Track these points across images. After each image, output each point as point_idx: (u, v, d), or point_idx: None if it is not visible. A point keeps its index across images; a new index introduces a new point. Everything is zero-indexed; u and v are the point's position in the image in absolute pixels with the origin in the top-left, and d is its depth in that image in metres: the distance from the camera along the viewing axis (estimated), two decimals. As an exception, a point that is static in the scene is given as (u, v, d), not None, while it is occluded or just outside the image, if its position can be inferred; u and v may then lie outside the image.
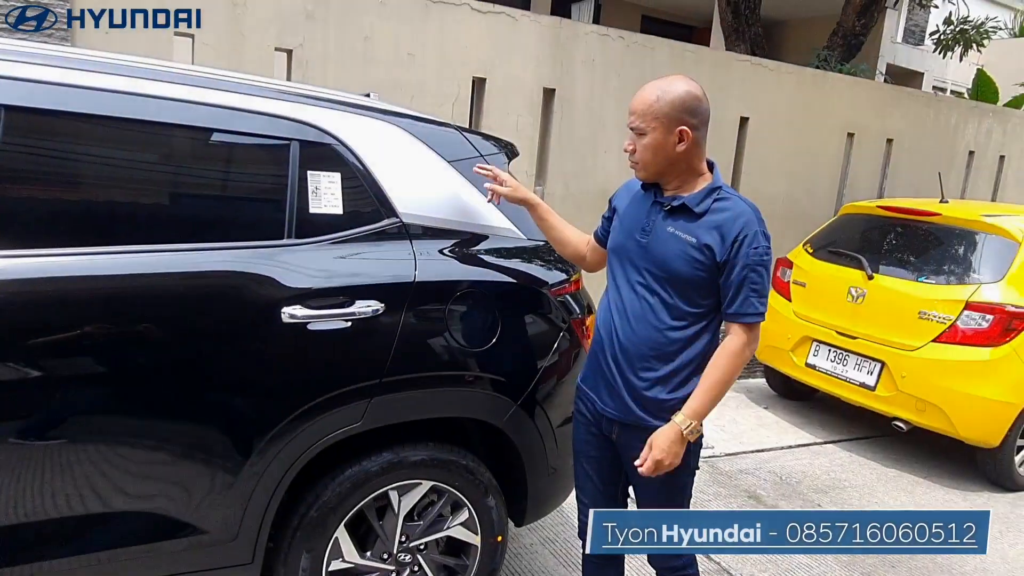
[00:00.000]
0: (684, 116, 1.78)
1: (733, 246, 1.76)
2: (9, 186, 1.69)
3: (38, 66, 1.74)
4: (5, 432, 1.65)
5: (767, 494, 3.78)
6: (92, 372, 1.74)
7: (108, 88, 1.79)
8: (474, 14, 4.29)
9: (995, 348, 3.89)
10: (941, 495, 3.99)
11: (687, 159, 1.82)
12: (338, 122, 2.09)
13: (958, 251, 4.29)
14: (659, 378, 1.86)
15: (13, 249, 1.65)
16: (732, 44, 6.51)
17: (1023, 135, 7.14)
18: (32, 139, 1.75)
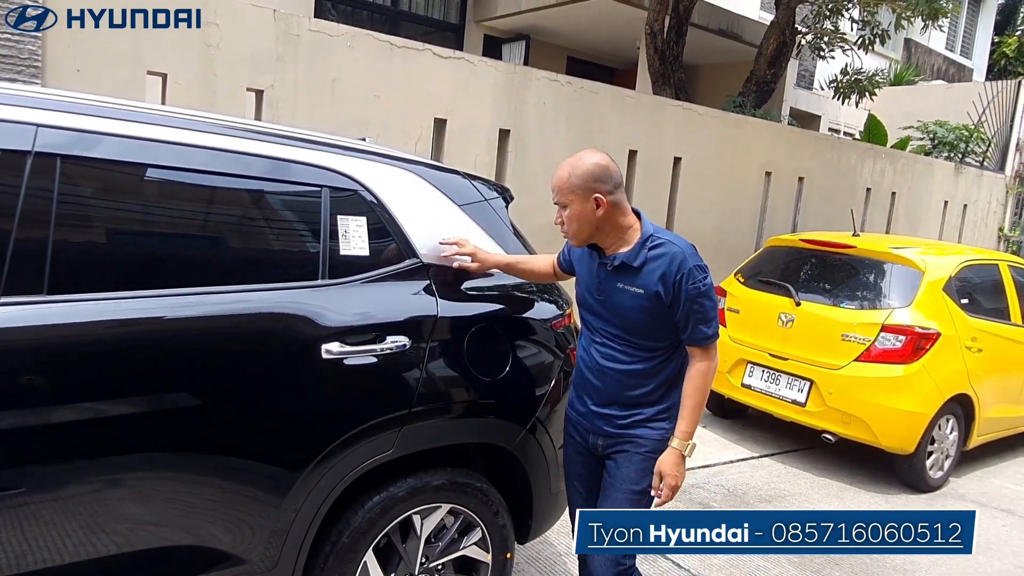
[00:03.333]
0: (595, 184, 1.99)
1: (675, 287, 1.99)
2: (67, 233, 1.76)
3: (89, 117, 1.83)
4: (69, 470, 1.71)
5: (719, 505, 4.10)
6: (147, 410, 1.82)
7: (164, 139, 1.90)
8: (436, 59, 4.51)
9: (908, 365, 4.40)
10: (867, 498, 4.43)
11: (611, 220, 2.03)
12: (362, 169, 2.26)
13: (872, 279, 4.81)
14: (637, 402, 2.11)
15: (71, 294, 1.73)
16: (659, 88, 7.00)
17: (910, 174, 7.99)
18: (85, 188, 1.83)
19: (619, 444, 2.15)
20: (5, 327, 1.63)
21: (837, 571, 3.44)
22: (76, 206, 1.79)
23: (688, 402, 2.06)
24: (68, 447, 1.71)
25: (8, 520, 1.64)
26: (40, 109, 1.77)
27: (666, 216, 5.84)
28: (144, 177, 1.91)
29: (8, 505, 1.64)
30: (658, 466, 2.06)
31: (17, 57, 3.29)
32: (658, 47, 6.75)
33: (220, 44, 3.78)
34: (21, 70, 3.31)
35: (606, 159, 2.05)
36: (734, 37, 8.42)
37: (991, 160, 9.53)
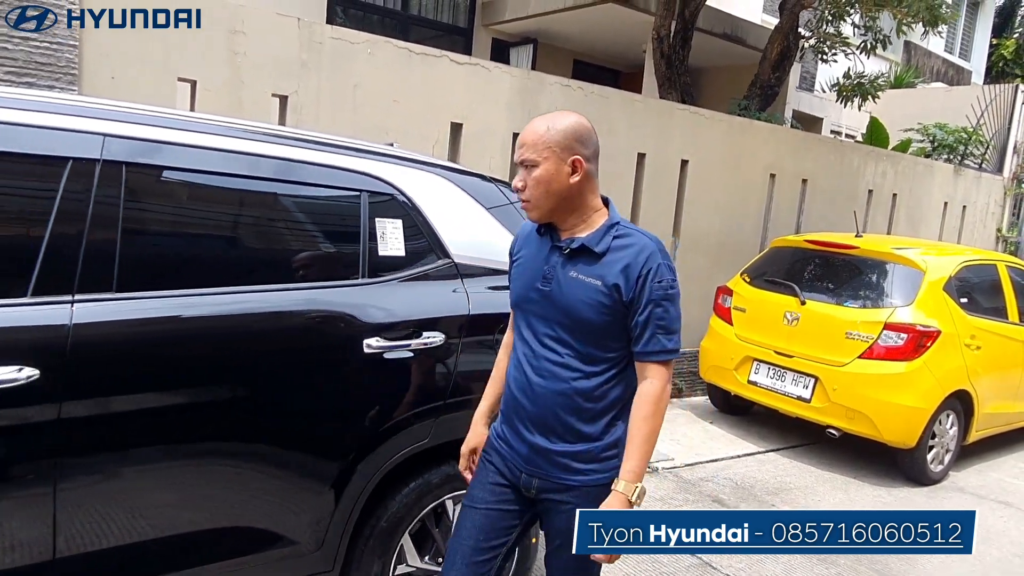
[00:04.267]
0: (576, 145, 1.69)
1: (638, 283, 1.67)
2: (132, 236, 1.90)
3: (150, 127, 1.96)
4: (141, 457, 1.85)
5: (728, 498, 4.24)
6: (209, 400, 1.96)
7: (219, 148, 2.04)
8: (453, 65, 4.65)
9: (909, 362, 4.54)
10: (870, 492, 4.57)
11: (581, 193, 1.72)
12: (397, 174, 2.39)
13: (875, 279, 4.95)
14: (578, 434, 1.74)
15: (137, 292, 1.87)
16: (665, 92, 7.13)
17: (911, 176, 8.13)
18: (147, 194, 1.97)
19: (560, 493, 1.76)
20: (80, 323, 1.76)
21: (865, 569, 3.58)
22: (140, 211, 1.93)
23: (638, 434, 1.68)
24: (139, 434, 1.85)
25: (95, 499, 1.79)
26: (106, 120, 1.91)
27: (673, 217, 5.98)
28: (201, 183, 2.05)
29: (94, 486, 1.79)
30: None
31: (55, 65, 3.43)
32: (664, 52, 6.89)
33: (247, 52, 3.91)
34: (59, 77, 3.44)
35: (589, 124, 1.75)
36: (738, 41, 8.56)
37: (989, 162, 9.68)
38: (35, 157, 1.80)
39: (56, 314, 1.75)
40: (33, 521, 1.73)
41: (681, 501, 4.11)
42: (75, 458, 1.76)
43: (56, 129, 1.82)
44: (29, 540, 1.73)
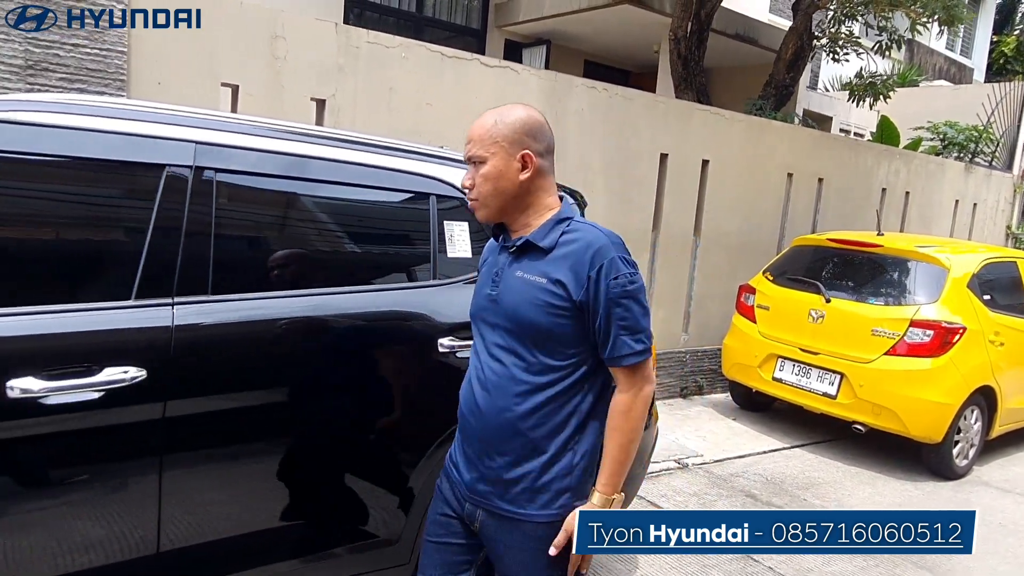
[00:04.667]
0: (526, 139, 1.57)
1: (589, 280, 1.51)
2: (224, 240, 1.97)
3: (237, 134, 2.03)
4: (240, 453, 1.92)
5: (760, 493, 4.31)
6: (302, 397, 2.03)
7: (303, 154, 2.10)
8: (483, 68, 4.71)
9: (935, 358, 4.62)
10: (897, 486, 4.65)
11: (532, 190, 1.59)
12: (455, 174, 2.46)
13: (899, 277, 5.03)
14: (526, 456, 1.56)
15: (235, 293, 1.93)
16: (681, 92, 7.20)
17: (923, 174, 8.21)
18: (237, 199, 2.04)
19: (505, 529, 1.58)
20: (181, 324, 1.82)
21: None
22: (230, 216, 2.00)
23: (606, 447, 1.54)
24: (237, 430, 1.92)
25: (197, 494, 1.86)
26: (195, 128, 1.97)
27: (695, 217, 6.05)
28: (285, 189, 2.11)
29: (195, 481, 1.85)
30: (568, 523, 1.53)
31: (105, 72, 3.48)
32: (681, 52, 6.97)
33: (287, 56, 3.97)
34: (108, 83, 3.50)
35: (542, 116, 1.64)
36: (750, 41, 8.64)
37: (999, 160, 9.78)
38: (135, 165, 1.87)
39: (159, 316, 1.81)
40: (139, 516, 1.79)
41: (715, 497, 4.18)
42: (178, 455, 1.83)
43: (153, 137, 1.89)
44: (135, 535, 1.80)
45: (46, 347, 1.68)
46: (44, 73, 3.33)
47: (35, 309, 1.69)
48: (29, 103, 1.79)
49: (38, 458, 1.69)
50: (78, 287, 1.80)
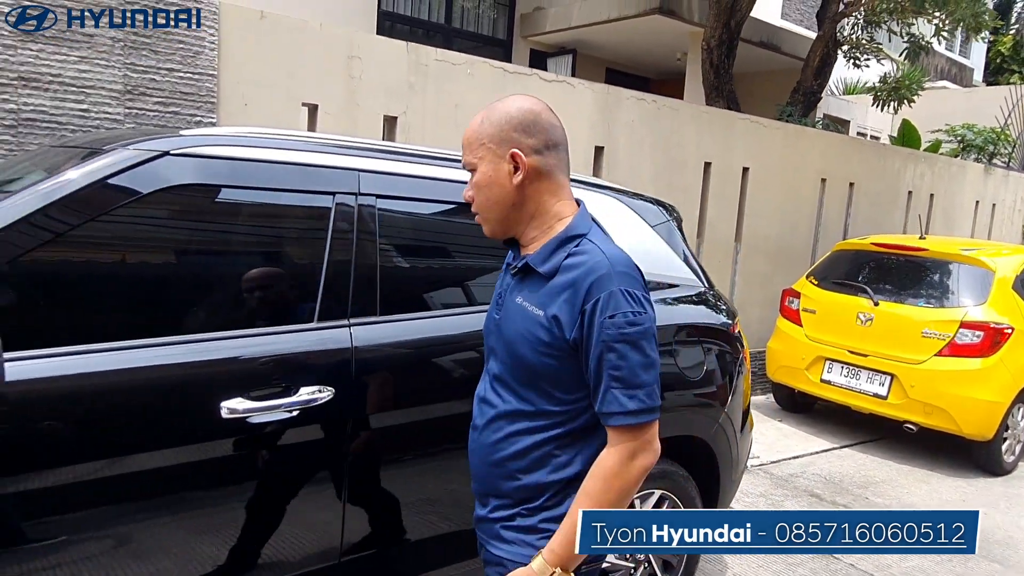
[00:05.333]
0: (514, 135, 1.34)
1: (583, 315, 1.27)
2: (388, 263, 2.08)
3: (394, 161, 2.14)
4: (418, 464, 2.03)
5: (823, 492, 4.44)
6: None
7: (449, 179, 2.22)
8: (542, 83, 4.83)
9: (985, 358, 4.75)
10: (951, 483, 4.78)
11: (533, 197, 1.36)
12: (582, 196, 2.57)
13: (945, 279, 5.17)
14: (519, 497, 1.38)
15: (400, 314, 2.05)
16: (712, 100, 7.34)
17: (946, 176, 8.38)
18: (397, 224, 2.15)
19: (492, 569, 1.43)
20: (359, 345, 1.93)
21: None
22: (392, 240, 2.11)
23: (573, 509, 1.28)
24: (415, 441, 2.04)
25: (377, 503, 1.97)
26: (357, 156, 2.09)
27: (736, 223, 6.19)
28: (435, 212, 2.23)
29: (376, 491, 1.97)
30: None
31: (197, 94, 3.59)
32: (714, 61, 7.11)
33: (362, 76, 4.09)
34: (200, 106, 3.60)
35: (540, 106, 1.39)
36: (773, 48, 8.80)
37: (1016, 161, 9.96)
38: (311, 194, 1.98)
39: (340, 337, 1.92)
40: (326, 526, 1.90)
41: (781, 497, 4.30)
42: (361, 467, 1.94)
43: (324, 167, 2.00)
44: (321, 543, 1.90)
45: (250, 369, 1.79)
46: (142, 97, 3.44)
47: (240, 333, 1.80)
48: (215, 137, 1.89)
49: (243, 473, 1.79)
50: (270, 312, 1.91)
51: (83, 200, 1.64)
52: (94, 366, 1.59)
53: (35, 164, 2.07)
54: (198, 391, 1.71)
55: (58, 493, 1.54)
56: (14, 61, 3.11)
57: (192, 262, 1.88)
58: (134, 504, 1.64)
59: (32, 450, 1.52)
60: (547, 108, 1.40)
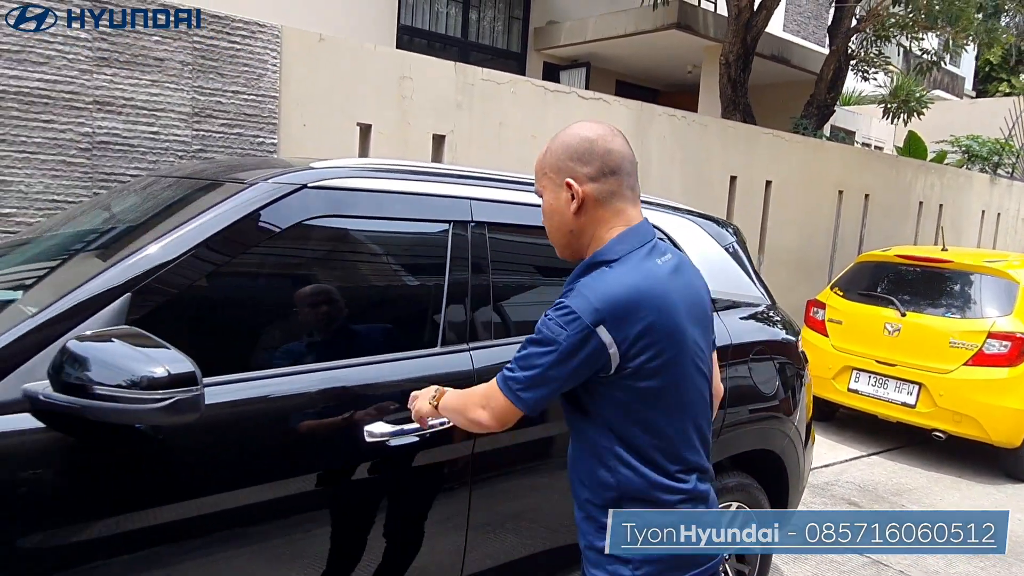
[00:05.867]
0: (569, 164, 1.38)
1: None
2: (500, 288, 2.15)
3: (498, 189, 2.23)
4: (537, 483, 2.11)
5: (860, 500, 4.55)
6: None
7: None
8: (580, 100, 4.94)
9: (1013, 368, 4.89)
10: (981, 490, 4.90)
11: (591, 224, 1.41)
12: (662, 219, 2.67)
13: (971, 290, 5.30)
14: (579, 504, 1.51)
15: (510, 337, 2.13)
16: (728, 113, 7.48)
17: (954, 187, 8.56)
18: (505, 250, 2.23)
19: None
20: (480, 367, 2.01)
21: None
22: (503, 265, 2.19)
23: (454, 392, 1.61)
24: (531, 461, 2.11)
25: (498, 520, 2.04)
26: (467, 184, 2.17)
27: (759, 235, 6.31)
28: (537, 237, 2.31)
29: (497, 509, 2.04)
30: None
31: (260, 116, 3.66)
32: (731, 76, 7.25)
33: (413, 96, 4.17)
34: (263, 127, 3.67)
35: (597, 133, 1.41)
36: (783, 61, 8.97)
37: (1019, 171, 10.18)
38: (432, 223, 2.05)
39: (462, 360, 2.00)
40: (450, 545, 1.97)
41: (820, 505, 4.40)
42: (484, 486, 2.01)
43: (441, 196, 2.08)
44: (445, 562, 1.97)
45: (387, 394, 1.86)
46: (208, 119, 3.50)
47: (373, 359, 1.87)
48: (345, 170, 1.96)
49: (381, 496, 1.86)
50: (397, 338, 1.98)
51: (236, 234, 1.70)
52: (251, 392, 1.66)
53: (152, 195, 2.14)
54: (346, 416, 1.78)
55: (219, 517, 1.60)
56: (90, 85, 3.17)
57: (325, 292, 1.95)
58: (284, 524, 1.70)
59: (204, 473, 1.58)
60: (608, 134, 1.42)
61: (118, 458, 1.48)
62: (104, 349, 1.37)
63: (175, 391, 1.34)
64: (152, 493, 1.50)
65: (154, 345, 1.41)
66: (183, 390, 1.35)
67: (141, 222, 1.91)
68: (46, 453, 1.41)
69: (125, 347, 1.38)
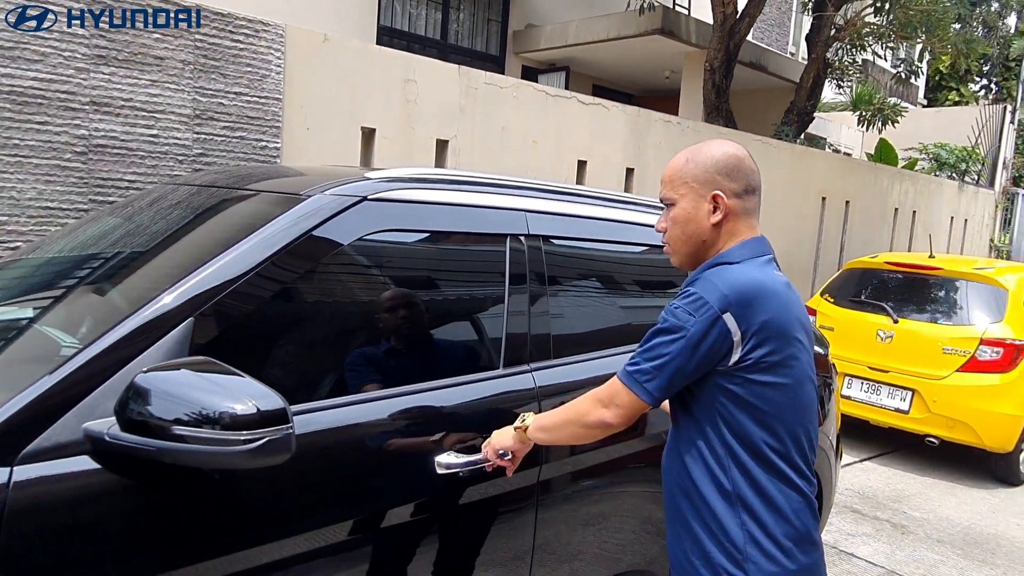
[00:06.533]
0: (718, 178, 1.45)
1: None
2: (558, 303, 2.05)
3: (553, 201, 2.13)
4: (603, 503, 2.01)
5: (862, 508, 4.56)
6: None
7: (598, 217, 2.21)
8: (579, 106, 4.86)
9: (1004, 374, 4.97)
10: (975, 494, 4.97)
11: (723, 236, 1.47)
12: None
13: (962, 297, 5.38)
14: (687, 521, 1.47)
15: (570, 356, 2.03)
16: (711, 118, 7.51)
17: (926, 193, 8.76)
18: (561, 262, 2.13)
19: None
20: (542, 385, 1.90)
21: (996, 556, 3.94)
22: (560, 278, 2.08)
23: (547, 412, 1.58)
24: (598, 480, 2.01)
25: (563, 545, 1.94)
26: (520, 196, 2.06)
27: (749, 241, 6.32)
28: (590, 251, 2.21)
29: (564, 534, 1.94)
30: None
31: (263, 119, 3.48)
32: (716, 82, 7.27)
33: (417, 100, 4.04)
34: (266, 130, 3.50)
35: (743, 153, 1.51)
36: (761, 69, 9.05)
37: (983, 178, 10.49)
38: (488, 237, 1.94)
39: (524, 382, 1.89)
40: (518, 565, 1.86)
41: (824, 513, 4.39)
42: (548, 512, 1.90)
43: (496, 208, 1.97)
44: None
45: (454, 421, 1.74)
46: (210, 122, 3.32)
47: (437, 384, 1.74)
48: (402, 182, 1.83)
49: (454, 527, 1.74)
50: (461, 360, 1.86)
51: (300, 251, 1.57)
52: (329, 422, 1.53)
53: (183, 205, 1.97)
54: (419, 444, 1.65)
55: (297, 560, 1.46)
56: (86, 85, 2.96)
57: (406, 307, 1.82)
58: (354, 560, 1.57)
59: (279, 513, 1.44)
60: (748, 155, 1.53)
61: (186, 500, 1.33)
62: (178, 382, 1.22)
63: (265, 431, 1.20)
64: (225, 536, 1.36)
65: (232, 375, 1.26)
66: (273, 429, 1.21)
67: (185, 237, 1.75)
68: (110, 496, 1.25)
69: (202, 380, 1.23)
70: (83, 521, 1.23)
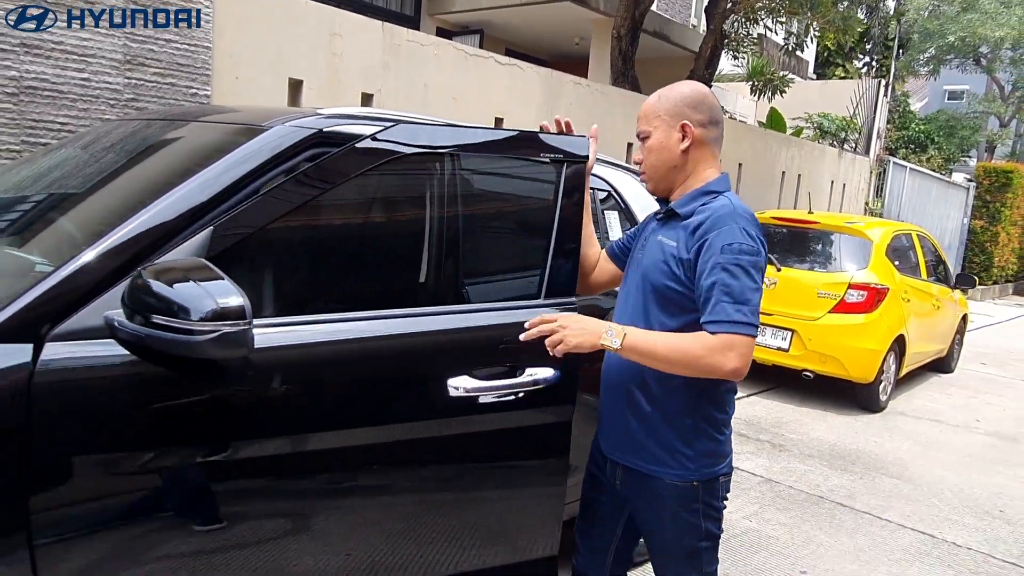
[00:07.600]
0: (686, 111, 1.66)
1: (704, 241, 1.54)
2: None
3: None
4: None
5: (748, 432, 5.16)
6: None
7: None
8: (496, 65, 5.12)
9: (868, 314, 5.68)
10: (841, 420, 5.68)
11: (690, 162, 1.68)
12: (610, 174, 2.96)
13: (834, 248, 6.06)
14: (650, 415, 1.66)
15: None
16: (618, 83, 7.92)
17: (810, 159, 9.55)
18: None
19: (639, 484, 1.72)
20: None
21: (850, 474, 4.59)
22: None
23: (664, 337, 1.57)
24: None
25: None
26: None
27: (652, 199, 6.81)
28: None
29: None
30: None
31: (193, 66, 3.57)
32: (622, 49, 7.67)
33: (342, 54, 4.20)
34: (196, 77, 3.59)
35: (706, 90, 1.72)
36: (664, 38, 9.54)
37: (860, 146, 11.45)
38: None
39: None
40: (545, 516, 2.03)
41: (717, 437, 4.95)
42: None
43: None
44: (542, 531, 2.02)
45: (476, 343, 1.84)
46: (140, 68, 3.39)
47: (464, 308, 1.88)
48: (348, 117, 2.05)
49: (467, 454, 1.86)
50: (501, 284, 2.06)
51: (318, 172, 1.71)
52: (326, 336, 1.66)
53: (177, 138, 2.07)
54: (428, 365, 1.77)
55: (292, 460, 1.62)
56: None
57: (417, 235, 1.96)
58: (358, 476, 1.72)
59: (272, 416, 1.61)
60: (712, 93, 1.76)
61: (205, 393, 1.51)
62: (165, 279, 1.37)
63: (222, 324, 1.32)
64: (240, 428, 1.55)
65: (215, 278, 1.39)
66: (231, 323, 1.33)
67: (149, 164, 1.91)
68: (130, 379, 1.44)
69: (186, 279, 1.37)
70: (102, 398, 1.43)
